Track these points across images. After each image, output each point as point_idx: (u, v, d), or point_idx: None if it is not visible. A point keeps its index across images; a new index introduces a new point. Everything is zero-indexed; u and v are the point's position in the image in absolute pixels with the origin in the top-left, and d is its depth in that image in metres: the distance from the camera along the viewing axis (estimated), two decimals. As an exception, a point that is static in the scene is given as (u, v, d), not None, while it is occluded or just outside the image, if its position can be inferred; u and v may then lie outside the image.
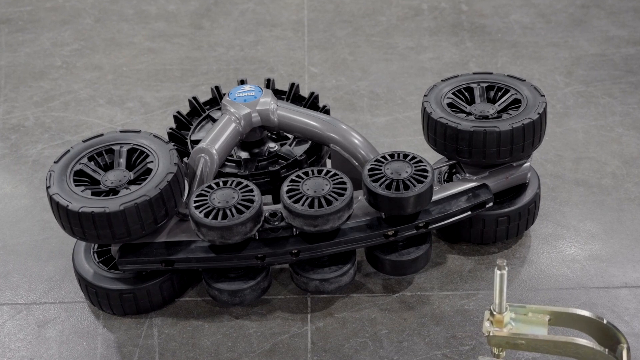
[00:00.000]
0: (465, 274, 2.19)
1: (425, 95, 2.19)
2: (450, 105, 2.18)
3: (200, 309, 2.13)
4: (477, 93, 2.22)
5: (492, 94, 2.22)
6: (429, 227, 2.07)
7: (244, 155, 2.25)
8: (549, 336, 1.63)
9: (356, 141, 2.18)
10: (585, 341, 1.61)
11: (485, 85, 2.22)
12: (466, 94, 2.22)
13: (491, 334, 1.64)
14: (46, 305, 2.17)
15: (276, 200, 2.21)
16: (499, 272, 1.59)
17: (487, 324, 1.65)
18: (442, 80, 2.26)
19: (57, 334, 2.08)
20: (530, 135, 2.08)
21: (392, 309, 2.10)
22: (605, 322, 1.65)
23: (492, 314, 1.64)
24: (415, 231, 2.06)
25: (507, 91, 2.20)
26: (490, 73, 2.26)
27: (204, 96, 2.47)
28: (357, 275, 2.17)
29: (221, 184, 2.01)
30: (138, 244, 2.02)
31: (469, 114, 2.16)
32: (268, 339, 2.04)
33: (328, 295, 2.14)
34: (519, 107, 2.15)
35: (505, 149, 2.07)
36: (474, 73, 2.27)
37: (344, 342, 2.02)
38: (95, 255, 2.13)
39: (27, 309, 2.16)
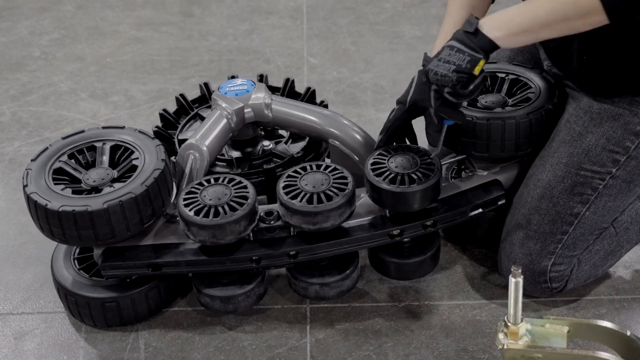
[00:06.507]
0: (477, 282, 2.19)
1: None
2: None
3: (191, 319, 2.12)
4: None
5: (497, 83, 2.21)
6: (438, 226, 2.06)
7: (235, 154, 2.25)
8: (568, 349, 1.63)
9: (358, 137, 2.17)
10: (607, 354, 1.60)
11: (488, 74, 2.21)
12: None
13: (505, 347, 1.63)
14: (23, 315, 2.16)
15: (271, 200, 2.20)
16: (513, 279, 1.58)
17: (501, 336, 1.64)
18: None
19: (35, 346, 2.08)
20: (549, 126, 2.08)
21: (398, 319, 2.10)
22: (629, 333, 1.64)
23: (506, 325, 1.63)
24: (422, 230, 2.05)
25: (516, 79, 2.19)
26: (495, 62, 2.25)
27: (195, 89, 2.47)
28: (359, 282, 2.16)
29: (212, 180, 2.01)
30: (122, 247, 2.02)
31: (477, 106, 2.15)
32: (264, 352, 2.03)
33: (329, 304, 2.13)
34: (528, 94, 2.14)
35: (524, 140, 2.06)
36: None
37: (346, 356, 2.02)
38: (76, 261, 2.12)
39: (2, 319, 2.15)
